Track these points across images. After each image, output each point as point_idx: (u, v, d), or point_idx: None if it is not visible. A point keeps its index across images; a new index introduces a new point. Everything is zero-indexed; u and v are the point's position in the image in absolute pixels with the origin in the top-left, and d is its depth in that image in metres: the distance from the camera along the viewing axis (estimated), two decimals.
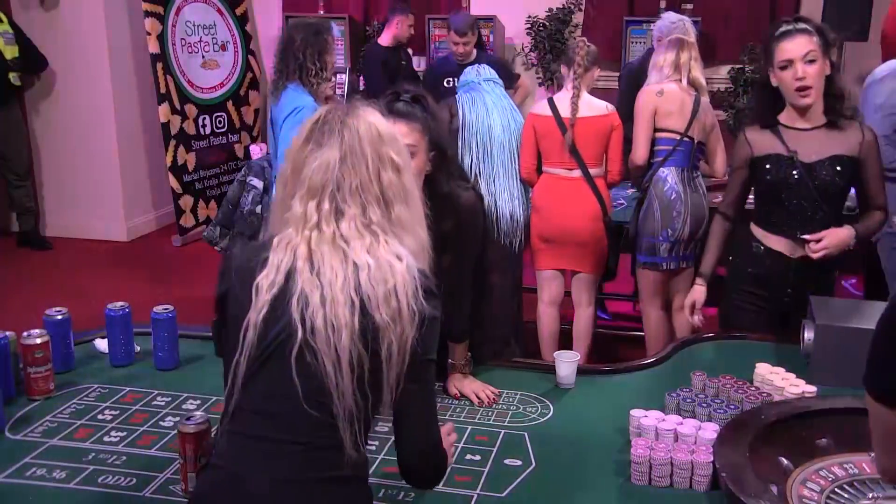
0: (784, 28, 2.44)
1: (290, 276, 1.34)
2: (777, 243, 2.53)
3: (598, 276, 3.75)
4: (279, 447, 1.34)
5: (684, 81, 3.54)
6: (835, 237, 2.41)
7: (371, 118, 1.42)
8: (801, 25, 2.42)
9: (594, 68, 3.62)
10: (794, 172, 2.45)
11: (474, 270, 2.17)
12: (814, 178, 2.44)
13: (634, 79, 4.15)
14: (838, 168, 2.44)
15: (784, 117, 2.50)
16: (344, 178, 1.36)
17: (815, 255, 2.40)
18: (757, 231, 2.59)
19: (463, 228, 2.08)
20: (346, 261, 1.34)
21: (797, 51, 2.38)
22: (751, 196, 2.66)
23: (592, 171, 3.54)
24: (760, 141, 2.52)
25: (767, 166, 2.49)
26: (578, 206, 3.54)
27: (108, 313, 2.24)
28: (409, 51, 6.15)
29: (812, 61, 2.38)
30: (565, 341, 3.74)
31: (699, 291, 2.64)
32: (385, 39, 5.73)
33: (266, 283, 1.34)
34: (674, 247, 3.52)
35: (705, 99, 3.59)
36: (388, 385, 1.34)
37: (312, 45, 3.54)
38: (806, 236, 2.43)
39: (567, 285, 3.77)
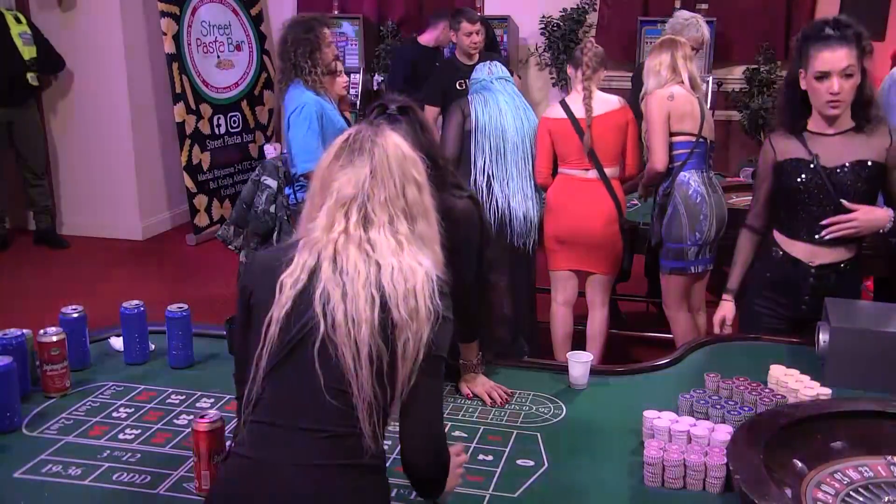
0: (826, 33, 2.32)
1: (313, 274, 1.41)
2: (797, 250, 2.48)
3: (613, 278, 3.73)
4: (301, 435, 1.40)
5: (686, 83, 3.51)
6: (869, 213, 2.34)
7: (397, 139, 1.50)
8: (843, 33, 2.30)
9: (601, 69, 3.59)
10: (814, 177, 2.40)
11: (478, 273, 2.15)
12: (834, 183, 2.38)
13: None
14: (861, 173, 2.38)
15: (810, 122, 2.44)
16: (374, 192, 1.44)
17: (836, 233, 2.36)
18: (778, 236, 2.54)
19: (460, 237, 2.04)
20: (370, 261, 1.41)
21: (836, 64, 2.29)
22: None
23: (608, 171, 3.52)
24: (784, 146, 2.47)
25: (788, 171, 2.44)
26: (594, 207, 3.52)
27: (123, 312, 2.26)
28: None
29: (849, 76, 2.30)
30: (580, 342, 3.73)
31: (728, 307, 2.60)
32: (426, 39, 5.62)
33: (290, 280, 1.41)
34: (701, 250, 3.50)
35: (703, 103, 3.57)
36: (402, 380, 1.40)
37: (303, 43, 3.57)
38: (829, 219, 2.37)
39: (581, 286, 3.76)
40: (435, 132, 2.75)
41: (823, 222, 2.40)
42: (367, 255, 1.41)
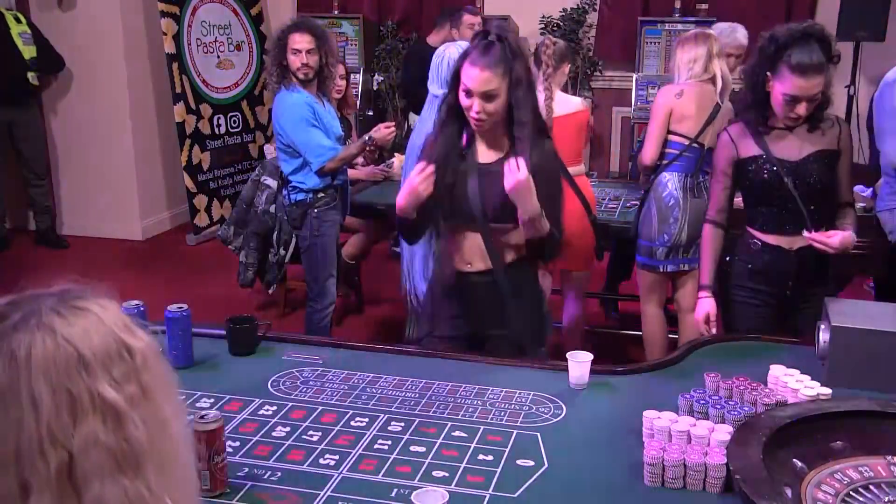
0: (800, 59, 2.32)
1: None
2: (773, 240, 2.55)
3: (587, 273, 3.77)
4: None
5: (719, 83, 3.43)
6: (846, 240, 2.40)
7: (90, 324, 0.84)
8: (818, 58, 2.32)
9: (564, 65, 3.55)
10: (778, 173, 2.46)
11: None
12: (798, 178, 2.45)
13: None
14: (822, 164, 2.46)
15: (770, 118, 2.51)
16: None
17: (818, 244, 2.41)
18: (752, 230, 2.60)
19: (544, 172, 2.22)
20: None
21: (807, 91, 2.34)
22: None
23: (572, 170, 3.45)
24: (744, 142, 2.52)
25: (752, 168, 2.50)
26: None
27: (123, 311, 2.25)
28: None
29: (815, 97, 2.36)
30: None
31: (709, 303, 2.64)
32: (434, 40, 5.57)
33: None
34: (671, 252, 3.49)
35: (727, 104, 3.46)
36: None
37: (273, 51, 3.68)
38: (809, 235, 2.42)
39: (556, 283, 3.78)
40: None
41: (806, 234, 2.43)
42: None
